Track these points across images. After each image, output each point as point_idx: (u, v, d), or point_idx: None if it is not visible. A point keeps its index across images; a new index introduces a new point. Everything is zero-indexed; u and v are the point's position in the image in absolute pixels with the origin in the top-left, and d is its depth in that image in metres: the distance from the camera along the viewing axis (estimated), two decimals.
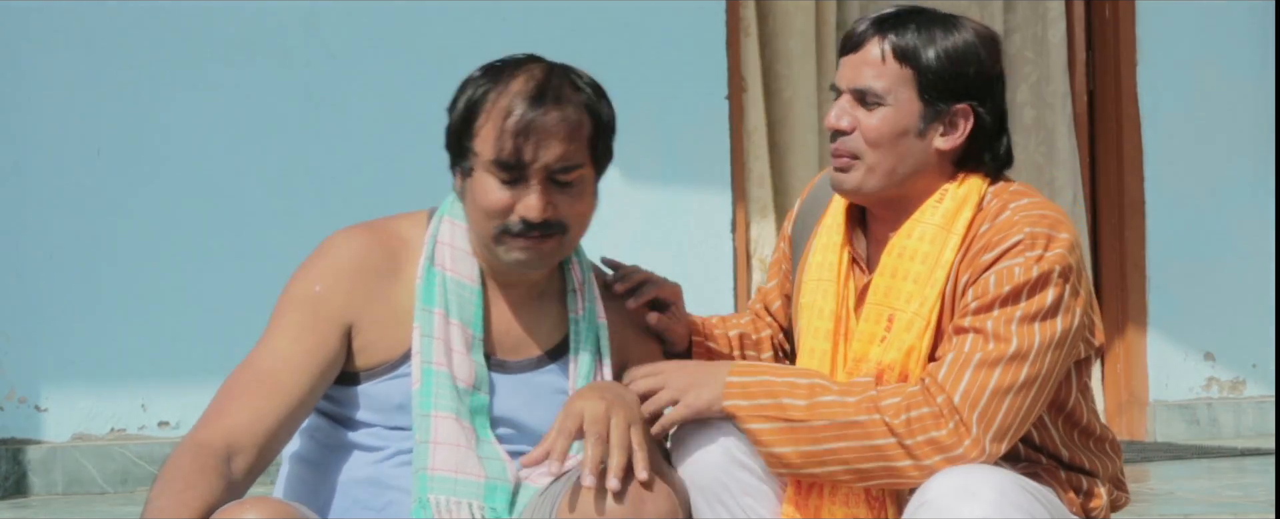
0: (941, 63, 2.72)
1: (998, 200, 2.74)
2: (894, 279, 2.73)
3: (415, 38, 6.25)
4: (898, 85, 2.73)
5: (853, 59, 2.77)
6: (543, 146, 2.61)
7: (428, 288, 2.69)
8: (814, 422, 2.60)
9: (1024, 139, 7.28)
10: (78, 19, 5.90)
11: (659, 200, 6.54)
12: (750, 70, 6.74)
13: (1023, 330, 2.61)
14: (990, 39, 2.78)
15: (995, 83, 2.78)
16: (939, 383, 2.60)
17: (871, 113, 2.74)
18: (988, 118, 2.76)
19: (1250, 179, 7.36)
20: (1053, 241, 2.66)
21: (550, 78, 2.64)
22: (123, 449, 5.88)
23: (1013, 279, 2.63)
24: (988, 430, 2.57)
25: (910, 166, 2.75)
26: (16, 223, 5.85)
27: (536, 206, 2.62)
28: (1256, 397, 7.36)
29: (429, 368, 2.65)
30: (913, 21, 2.75)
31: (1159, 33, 7.26)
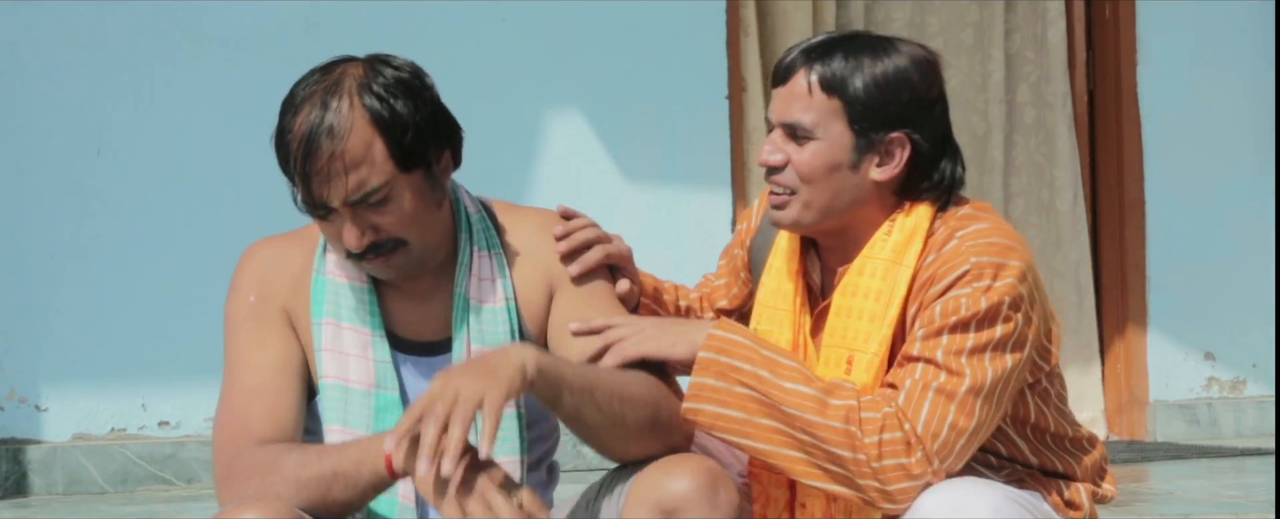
0: (870, 92, 2.63)
1: (945, 229, 2.66)
2: (849, 319, 2.66)
3: (415, 38, 6.24)
4: (827, 118, 2.65)
5: (782, 92, 2.68)
6: (330, 186, 2.53)
7: (316, 301, 2.67)
8: (788, 407, 2.54)
9: (1024, 139, 7.28)
10: (78, 19, 5.90)
11: (659, 200, 6.54)
12: (750, 70, 6.74)
13: (974, 363, 2.56)
14: (925, 62, 2.68)
15: (933, 107, 2.68)
16: (903, 409, 2.55)
17: (802, 147, 2.66)
18: (925, 145, 2.66)
19: (1250, 179, 7.36)
20: (1001, 271, 2.58)
21: (325, 109, 2.53)
22: (123, 449, 5.88)
23: (959, 311, 2.57)
24: (946, 459, 2.54)
25: (847, 199, 2.68)
26: (16, 223, 5.85)
27: (351, 240, 2.57)
28: (1257, 396, 7.35)
29: (322, 382, 2.65)
30: (840, 49, 2.66)
31: (1159, 33, 7.26)
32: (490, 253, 2.70)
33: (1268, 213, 7.34)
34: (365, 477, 2.48)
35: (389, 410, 2.64)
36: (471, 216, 2.71)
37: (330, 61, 2.63)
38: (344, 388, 2.64)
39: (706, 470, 2.48)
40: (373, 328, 2.67)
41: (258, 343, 2.66)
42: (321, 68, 2.61)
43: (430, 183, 2.62)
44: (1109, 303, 7.30)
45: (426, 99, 2.61)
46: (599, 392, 2.51)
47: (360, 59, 2.62)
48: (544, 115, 6.45)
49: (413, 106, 2.59)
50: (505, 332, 2.68)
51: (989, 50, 7.19)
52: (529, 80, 6.41)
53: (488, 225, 2.72)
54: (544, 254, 2.73)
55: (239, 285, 2.71)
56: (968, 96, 7.20)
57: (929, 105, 2.67)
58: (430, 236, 2.63)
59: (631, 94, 6.53)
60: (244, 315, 2.68)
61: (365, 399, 2.64)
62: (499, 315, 2.68)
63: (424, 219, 2.61)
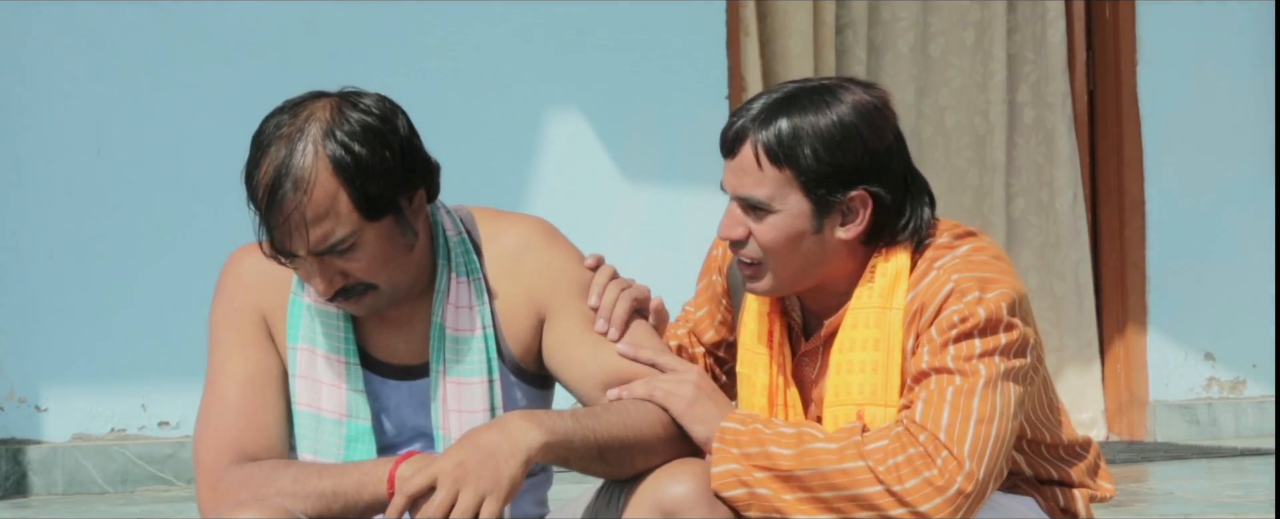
0: (820, 157, 2.56)
1: (924, 263, 2.62)
2: (851, 374, 2.60)
3: (415, 38, 6.25)
4: (780, 189, 2.58)
5: (732, 165, 2.61)
6: (294, 238, 2.50)
7: (292, 324, 2.64)
8: (800, 470, 2.50)
9: (1024, 139, 7.27)
10: (78, 19, 5.90)
11: (659, 200, 6.54)
12: (750, 70, 6.74)
13: (988, 363, 2.51)
14: (871, 109, 2.59)
15: (887, 157, 2.60)
16: (918, 423, 2.49)
17: (762, 221, 2.60)
18: (887, 195, 2.60)
19: (1250, 179, 7.36)
20: (990, 284, 2.55)
21: (289, 157, 2.49)
22: (123, 449, 5.88)
23: (957, 323, 2.53)
24: (980, 462, 2.47)
25: (817, 262, 2.63)
26: (16, 223, 5.85)
27: (319, 286, 2.55)
28: (1257, 397, 7.35)
29: (295, 408, 2.63)
30: (783, 114, 2.58)
31: (1159, 33, 7.26)
32: (469, 279, 2.65)
33: (1268, 213, 7.34)
34: (365, 500, 2.47)
35: (360, 440, 2.62)
36: (451, 241, 2.66)
37: (299, 99, 2.58)
38: (316, 415, 2.62)
39: (707, 474, 2.48)
40: (348, 355, 2.64)
41: (240, 354, 2.64)
42: (290, 106, 2.57)
43: (400, 227, 2.56)
44: (1109, 303, 7.30)
45: (394, 143, 2.54)
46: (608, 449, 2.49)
47: (330, 97, 2.56)
48: (544, 115, 6.45)
49: (380, 153, 2.51)
50: (481, 362, 2.64)
51: (990, 50, 7.19)
52: (529, 80, 6.41)
53: (468, 249, 2.66)
54: (527, 273, 2.68)
55: (222, 292, 2.69)
56: (969, 96, 7.20)
57: (883, 156, 2.60)
58: (401, 278, 2.59)
59: (631, 94, 6.53)
60: (228, 324, 2.67)
61: (336, 428, 2.62)
62: (476, 344, 2.64)
63: (394, 263, 2.57)
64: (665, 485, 2.47)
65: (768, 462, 2.51)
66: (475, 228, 2.70)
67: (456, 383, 2.63)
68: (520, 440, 2.41)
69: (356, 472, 2.49)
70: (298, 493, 2.48)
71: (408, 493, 2.38)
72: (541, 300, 2.67)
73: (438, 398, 2.63)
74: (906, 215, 2.63)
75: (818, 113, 2.58)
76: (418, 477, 2.39)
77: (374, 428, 2.64)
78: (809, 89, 2.62)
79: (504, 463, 2.39)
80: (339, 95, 2.58)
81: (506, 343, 2.68)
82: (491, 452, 2.40)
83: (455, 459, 2.40)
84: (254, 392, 2.62)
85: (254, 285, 2.66)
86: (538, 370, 2.71)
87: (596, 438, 2.47)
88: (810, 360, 2.72)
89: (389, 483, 2.45)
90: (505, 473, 2.39)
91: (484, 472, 2.38)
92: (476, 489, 2.37)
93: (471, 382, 2.63)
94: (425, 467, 2.41)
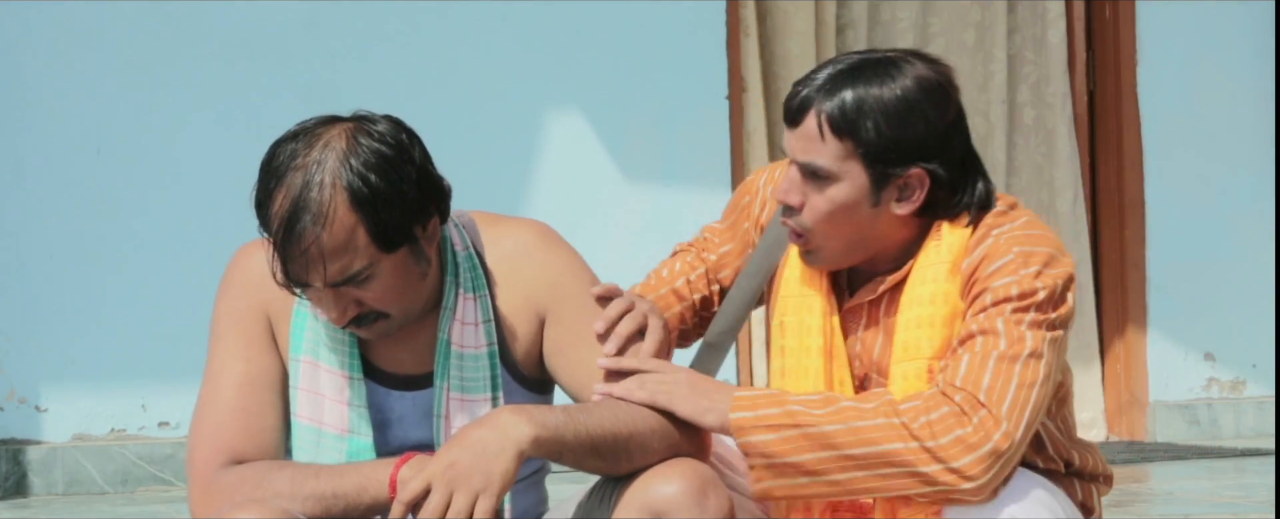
0: (882, 131, 2.56)
1: (982, 229, 2.63)
2: (919, 330, 2.61)
3: (415, 38, 6.25)
4: (842, 160, 2.59)
5: (795, 134, 2.62)
6: (310, 270, 2.48)
7: (296, 336, 2.63)
8: (827, 425, 2.50)
9: (1024, 139, 7.28)
10: (78, 19, 5.90)
11: (659, 200, 6.54)
12: (750, 71, 6.74)
13: (1033, 332, 2.52)
14: (935, 86, 2.60)
15: (948, 134, 2.61)
16: (955, 384, 2.50)
17: (821, 191, 2.61)
18: (944, 173, 2.61)
19: (1250, 179, 7.36)
20: (1053, 261, 2.58)
21: (307, 190, 2.46)
22: (123, 449, 5.88)
23: (1012, 291, 2.54)
24: (1017, 424, 2.48)
25: (872, 234, 2.64)
26: (16, 223, 5.85)
27: (333, 317, 2.53)
28: (1257, 397, 7.36)
29: (295, 420, 2.62)
30: (847, 86, 2.58)
31: (1159, 33, 7.26)
32: (475, 295, 2.64)
33: (1268, 213, 7.34)
34: (365, 503, 2.47)
35: (360, 456, 2.60)
36: (459, 257, 2.64)
37: (311, 126, 2.54)
38: (317, 430, 2.61)
39: (696, 474, 2.47)
40: (351, 370, 2.62)
41: (242, 354, 2.63)
42: (303, 133, 2.53)
43: (415, 256, 2.55)
44: (1109, 303, 7.30)
45: (410, 173, 2.51)
46: (601, 443, 2.48)
47: (344, 124, 2.53)
48: (544, 115, 6.45)
49: (397, 184, 2.49)
50: (486, 379, 2.63)
51: (991, 51, 7.19)
52: (529, 81, 6.41)
53: (474, 265, 2.65)
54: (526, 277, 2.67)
55: (226, 289, 2.68)
56: (970, 97, 7.19)
57: (944, 134, 2.61)
58: (413, 305, 2.58)
59: (631, 94, 6.54)
60: (230, 323, 2.65)
61: (338, 443, 2.61)
62: (480, 362, 2.63)
63: (407, 292, 2.56)
64: (655, 485, 2.46)
65: (793, 419, 2.52)
66: (478, 237, 2.69)
67: (460, 399, 2.63)
68: (510, 434, 2.41)
69: (356, 474, 2.48)
70: (295, 494, 2.47)
71: (405, 500, 2.39)
72: (541, 304, 2.66)
73: (441, 413, 2.63)
74: (962, 193, 2.64)
75: (882, 86, 2.58)
76: (414, 481, 2.39)
77: (376, 442, 2.63)
78: (874, 60, 2.61)
79: (495, 459, 2.39)
80: (353, 122, 2.54)
81: (509, 348, 2.67)
82: (482, 448, 2.40)
83: (447, 460, 2.40)
84: (252, 393, 2.61)
85: (261, 286, 2.64)
86: (540, 375, 2.71)
87: (589, 433, 2.47)
88: (855, 317, 2.72)
89: (391, 486, 2.45)
90: (497, 469, 2.39)
91: (476, 470, 2.38)
92: (469, 488, 2.37)
93: (476, 399, 2.63)
94: (420, 469, 2.41)
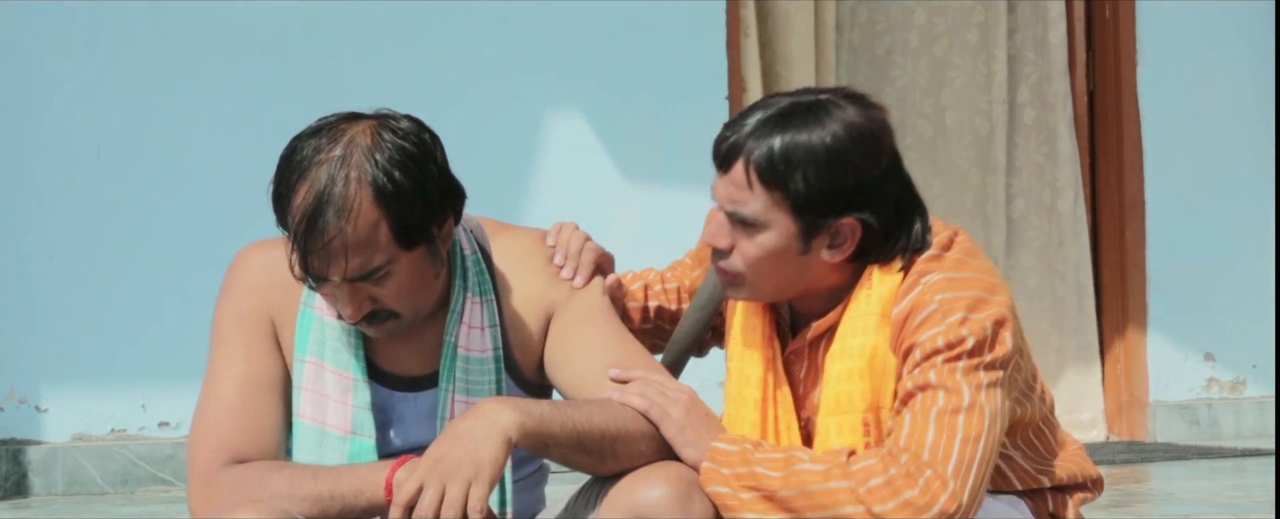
0: (810, 183, 2.53)
1: (913, 275, 2.58)
2: (850, 383, 2.59)
3: (415, 39, 6.25)
4: (770, 209, 2.56)
5: (723, 179, 2.60)
6: (332, 264, 2.48)
7: (301, 336, 2.63)
8: (785, 491, 2.49)
9: (1025, 139, 7.28)
10: (78, 19, 5.90)
11: (659, 201, 6.54)
12: (750, 71, 6.74)
13: (969, 381, 2.48)
14: (867, 134, 2.55)
15: (881, 183, 2.57)
16: (902, 445, 2.47)
17: (749, 238, 2.59)
18: (877, 222, 2.57)
19: (1250, 179, 7.37)
20: (979, 304, 2.52)
21: (332, 184, 2.46)
22: (123, 450, 5.88)
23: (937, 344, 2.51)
24: (965, 482, 2.45)
25: (800, 279, 2.62)
26: (16, 223, 5.85)
27: (347, 313, 2.54)
28: (1257, 397, 7.36)
29: (298, 421, 2.62)
30: (777, 133, 2.54)
31: (1159, 33, 7.27)
32: (483, 299, 2.66)
33: (1268, 213, 7.34)
34: (362, 504, 2.47)
35: (363, 458, 2.61)
36: (468, 260, 2.66)
37: (334, 122, 2.54)
38: (320, 430, 2.62)
39: (681, 479, 2.48)
40: (356, 372, 2.63)
41: (243, 355, 2.63)
42: (326, 128, 2.53)
43: (431, 255, 2.56)
44: (1109, 303, 7.30)
45: (432, 172, 2.53)
46: (588, 437, 2.48)
47: (367, 121, 2.53)
48: (544, 115, 6.46)
49: (419, 182, 2.50)
50: (491, 383, 2.65)
51: (993, 51, 7.19)
52: (529, 81, 6.41)
53: (482, 269, 2.67)
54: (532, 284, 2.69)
55: (229, 291, 2.67)
56: (972, 97, 7.20)
57: (876, 183, 2.57)
58: (424, 305, 2.59)
59: (631, 94, 6.54)
60: (233, 324, 2.65)
61: (341, 444, 2.61)
62: (486, 366, 2.65)
63: (421, 292, 2.57)
64: (639, 489, 2.46)
65: (755, 482, 2.50)
66: (486, 242, 2.70)
67: (465, 403, 2.63)
68: (496, 422, 2.41)
69: (353, 475, 2.49)
70: (293, 495, 2.47)
71: (402, 502, 2.39)
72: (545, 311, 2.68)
73: (444, 416, 2.63)
74: (897, 238, 2.60)
75: (811, 134, 2.54)
76: (408, 482, 2.39)
77: (378, 442, 2.64)
78: (805, 106, 2.58)
79: (482, 446, 2.39)
80: (376, 119, 2.54)
81: (512, 353, 2.68)
82: (469, 438, 2.40)
83: (436, 455, 2.40)
84: (253, 394, 2.61)
85: (265, 288, 2.64)
86: (541, 381, 2.72)
87: (576, 427, 2.47)
88: (798, 359, 2.71)
89: (387, 488, 2.45)
90: (485, 456, 2.39)
91: (464, 460, 2.38)
92: (461, 479, 2.37)
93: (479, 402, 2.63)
94: (413, 470, 2.41)
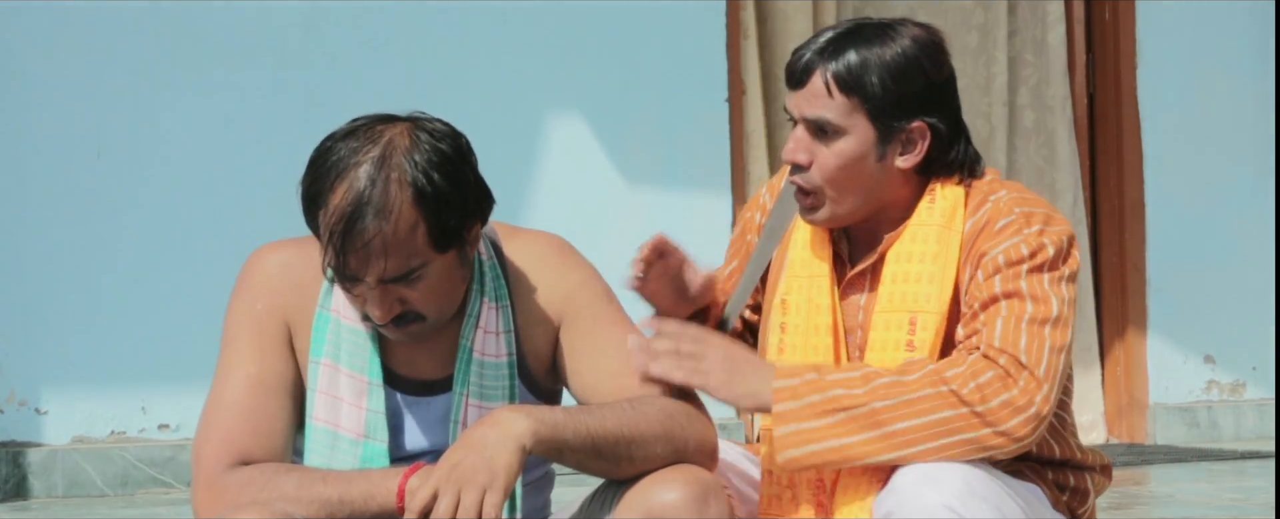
0: (887, 86, 2.68)
1: (977, 194, 2.74)
2: (906, 284, 2.70)
3: (415, 40, 6.25)
4: (849, 114, 2.69)
5: (801, 94, 2.72)
6: (369, 265, 2.48)
7: (317, 338, 2.62)
8: (874, 403, 2.55)
9: (1024, 142, 7.28)
10: (78, 20, 5.90)
11: (658, 202, 6.54)
12: (749, 73, 6.75)
13: (1057, 291, 2.63)
14: (931, 44, 2.72)
15: (944, 90, 2.74)
16: (997, 347, 2.58)
17: (829, 146, 2.71)
18: (943, 127, 2.72)
19: (1250, 181, 7.37)
20: (1052, 219, 2.68)
21: (372, 185, 2.46)
22: (123, 452, 5.88)
23: (1021, 252, 2.64)
24: (1055, 383, 2.58)
25: (876, 190, 2.73)
26: (16, 224, 5.85)
27: (377, 315, 2.53)
28: (1256, 399, 7.36)
29: (311, 423, 2.61)
30: (851, 45, 2.69)
31: (1159, 35, 7.26)
32: (499, 305, 2.65)
33: (1268, 215, 7.34)
34: (372, 510, 2.47)
35: (375, 462, 2.60)
36: (484, 264, 2.65)
37: (369, 123, 2.53)
38: (333, 433, 2.61)
39: (698, 481, 2.48)
40: (371, 375, 2.62)
41: (255, 356, 2.61)
42: (362, 129, 2.52)
43: (461, 258, 2.57)
44: (1109, 306, 7.30)
45: (468, 175, 2.54)
46: (603, 443, 2.48)
47: (403, 123, 2.54)
48: (544, 118, 6.45)
49: (457, 185, 2.52)
50: (505, 389, 2.64)
51: (993, 53, 7.19)
52: (529, 83, 6.41)
53: (498, 274, 2.66)
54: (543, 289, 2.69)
55: (243, 291, 2.66)
56: (972, 99, 7.20)
57: (942, 89, 2.72)
58: (449, 309, 2.59)
59: (631, 97, 6.54)
60: (246, 324, 2.63)
61: (353, 447, 2.61)
62: (501, 371, 2.64)
63: (448, 295, 2.57)
64: (656, 491, 2.46)
65: (838, 404, 2.56)
66: (500, 246, 2.70)
67: (479, 407, 2.63)
68: (511, 430, 2.42)
69: (364, 480, 2.48)
70: (301, 498, 2.47)
71: (416, 509, 2.39)
72: (557, 315, 2.68)
73: (458, 419, 2.63)
74: (958, 150, 2.74)
75: (883, 45, 2.69)
76: (422, 490, 2.40)
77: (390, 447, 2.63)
78: (872, 24, 2.73)
79: (497, 454, 2.40)
80: (411, 121, 2.55)
81: (525, 358, 2.68)
82: (484, 446, 2.41)
83: (451, 462, 2.40)
84: (263, 396, 2.59)
85: (280, 290, 2.63)
86: (552, 386, 2.72)
87: (590, 432, 2.47)
88: (857, 287, 2.79)
89: (398, 495, 2.45)
90: (500, 463, 2.39)
91: (479, 468, 2.39)
92: (475, 487, 2.38)
93: (494, 407, 2.62)
94: (427, 478, 2.41)
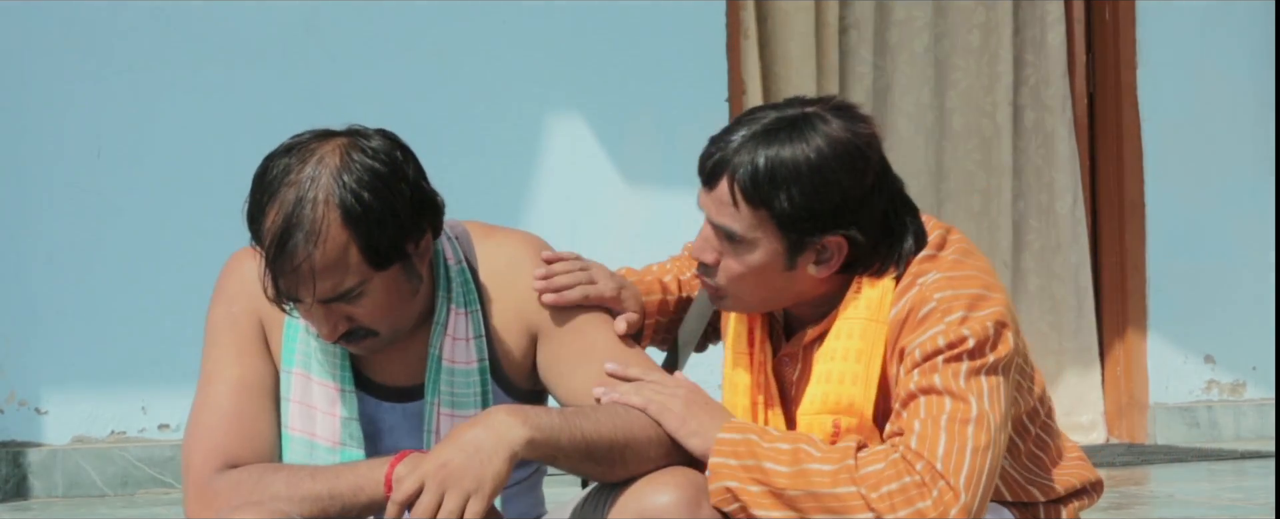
0: (795, 203, 2.52)
1: (908, 275, 2.57)
2: (829, 384, 2.58)
3: (414, 40, 6.25)
4: (756, 227, 2.56)
5: (710, 196, 2.61)
6: (304, 287, 2.48)
7: (288, 347, 2.63)
8: (792, 490, 2.47)
9: (1024, 142, 7.27)
10: (78, 20, 5.90)
11: (658, 202, 6.54)
12: (750, 73, 6.74)
13: (975, 385, 2.48)
14: (852, 150, 2.53)
15: (866, 200, 2.55)
16: (914, 449, 2.45)
17: (736, 255, 2.59)
18: (863, 238, 2.55)
19: (1250, 181, 7.37)
20: (978, 302, 2.52)
21: (299, 206, 2.45)
22: (123, 452, 5.88)
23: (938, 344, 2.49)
24: (976, 493, 2.44)
25: (786, 292, 2.62)
26: (16, 224, 5.85)
27: (323, 333, 2.54)
28: (1256, 399, 7.36)
29: (287, 433, 2.62)
30: (763, 148, 2.54)
31: (1159, 34, 7.26)
32: (467, 311, 2.64)
33: (1268, 215, 7.34)
34: (362, 502, 2.47)
35: None
36: (452, 271, 2.64)
37: (304, 141, 2.53)
38: (309, 442, 2.62)
39: (691, 484, 2.48)
40: (343, 382, 2.63)
41: (236, 359, 2.63)
42: (297, 147, 2.52)
43: (406, 274, 2.55)
44: (1109, 306, 7.30)
45: (403, 191, 2.51)
46: (596, 447, 2.48)
47: (337, 139, 2.52)
48: (544, 119, 6.45)
49: (389, 202, 2.48)
50: (476, 395, 2.64)
51: (997, 52, 7.18)
52: (529, 84, 6.41)
53: (467, 280, 2.65)
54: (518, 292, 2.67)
55: (222, 295, 2.68)
56: (976, 99, 7.19)
57: (861, 199, 2.55)
58: (403, 323, 2.59)
59: (631, 97, 6.53)
60: (225, 327, 2.66)
61: (330, 456, 2.61)
62: (471, 378, 2.64)
63: (397, 310, 2.56)
64: (649, 494, 2.47)
65: (763, 476, 2.49)
66: (472, 250, 2.69)
67: (450, 415, 2.63)
68: (505, 436, 2.41)
69: (352, 473, 2.49)
70: (292, 496, 2.48)
71: (399, 499, 2.39)
72: (532, 319, 2.67)
73: (431, 428, 2.64)
74: (884, 252, 2.59)
75: (796, 152, 2.53)
76: (408, 480, 2.40)
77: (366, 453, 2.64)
78: (789, 121, 2.56)
79: (488, 460, 2.39)
80: (347, 137, 2.53)
81: (501, 363, 2.68)
82: (475, 449, 2.40)
83: (440, 459, 2.40)
84: (247, 398, 2.61)
85: (255, 294, 2.63)
86: (532, 388, 2.72)
87: (584, 436, 2.47)
88: (791, 362, 2.70)
89: (386, 484, 2.45)
90: (489, 471, 2.39)
91: (468, 470, 2.39)
92: (461, 489, 2.38)
93: (465, 414, 2.63)
94: (415, 468, 2.41)
